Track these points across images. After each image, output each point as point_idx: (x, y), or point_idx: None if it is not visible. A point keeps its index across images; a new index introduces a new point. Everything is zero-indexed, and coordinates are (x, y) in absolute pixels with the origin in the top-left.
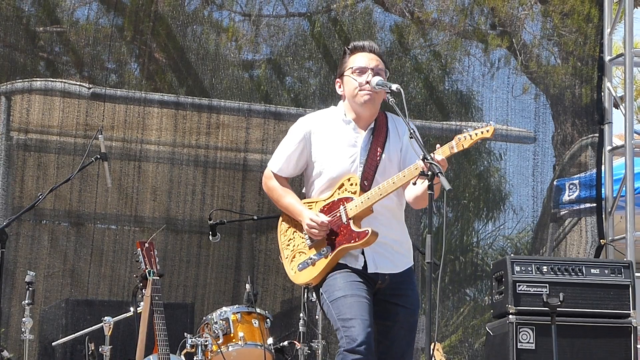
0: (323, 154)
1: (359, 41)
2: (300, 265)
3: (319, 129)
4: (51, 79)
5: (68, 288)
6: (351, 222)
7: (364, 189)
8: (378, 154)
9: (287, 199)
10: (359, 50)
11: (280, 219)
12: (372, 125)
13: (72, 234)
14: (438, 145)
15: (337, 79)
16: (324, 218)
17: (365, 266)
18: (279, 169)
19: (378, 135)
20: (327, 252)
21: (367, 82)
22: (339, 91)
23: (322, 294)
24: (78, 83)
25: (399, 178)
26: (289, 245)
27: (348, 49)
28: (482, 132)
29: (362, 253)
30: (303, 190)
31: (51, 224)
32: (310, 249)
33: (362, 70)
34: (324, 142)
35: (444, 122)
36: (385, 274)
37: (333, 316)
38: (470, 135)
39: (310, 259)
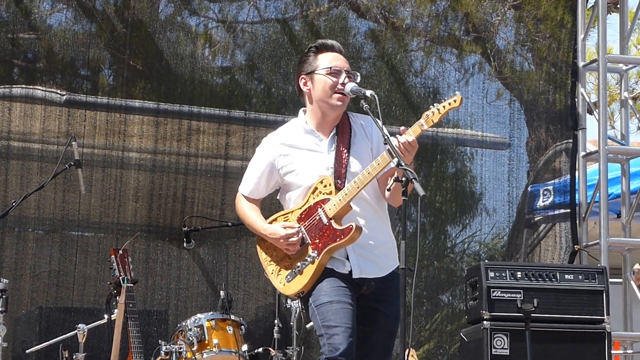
0: (293, 169)
1: (326, 40)
2: (288, 277)
3: (284, 146)
4: (31, 86)
5: (54, 290)
6: (332, 221)
7: (339, 187)
8: (344, 156)
9: (252, 217)
10: (328, 49)
11: (257, 238)
12: (333, 132)
13: (56, 240)
14: (402, 128)
15: (303, 76)
16: (295, 225)
17: (351, 271)
18: (249, 192)
19: (342, 138)
20: (313, 258)
21: (343, 85)
22: (305, 89)
23: (309, 298)
24: (57, 91)
25: (373, 167)
26: (272, 261)
27: (315, 47)
28: (449, 104)
29: (347, 258)
30: (278, 196)
31: (34, 230)
32: (295, 259)
33: (338, 72)
34: (292, 157)
35: None
36: (371, 279)
37: (317, 321)
38: (438, 109)
39: (297, 267)
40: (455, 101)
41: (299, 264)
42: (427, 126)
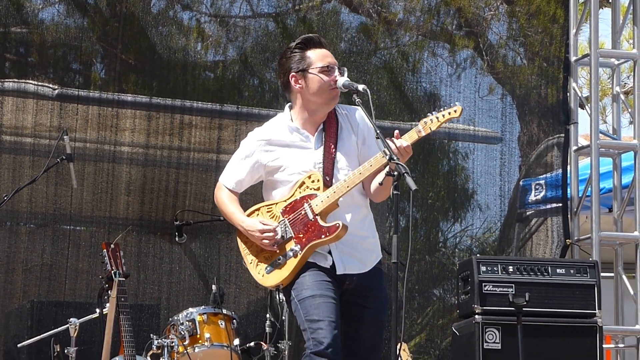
0: (280, 165)
1: (310, 35)
2: (268, 268)
3: (270, 142)
4: (23, 80)
5: (46, 284)
6: (318, 217)
7: (327, 184)
8: (332, 151)
9: (230, 208)
10: (316, 45)
11: (237, 229)
12: (321, 127)
13: (48, 234)
14: (397, 132)
15: (294, 74)
16: (272, 223)
17: (333, 266)
18: (232, 186)
19: (329, 134)
20: (296, 252)
21: (335, 80)
22: (296, 86)
23: (291, 292)
24: (49, 85)
25: (365, 168)
26: (250, 252)
27: (301, 43)
28: (449, 113)
29: (330, 253)
30: (263, 191)
31: (26, 224)
32: (276, 251)
33: (332, 69)
34: (279, 154)
35: (412, 123)
36: (353, 275)
37: (301, 316)
38: (437, 118)
39: (279, 260)
40: (455, 111)
41: (280, 257)
42: (425, 133)
